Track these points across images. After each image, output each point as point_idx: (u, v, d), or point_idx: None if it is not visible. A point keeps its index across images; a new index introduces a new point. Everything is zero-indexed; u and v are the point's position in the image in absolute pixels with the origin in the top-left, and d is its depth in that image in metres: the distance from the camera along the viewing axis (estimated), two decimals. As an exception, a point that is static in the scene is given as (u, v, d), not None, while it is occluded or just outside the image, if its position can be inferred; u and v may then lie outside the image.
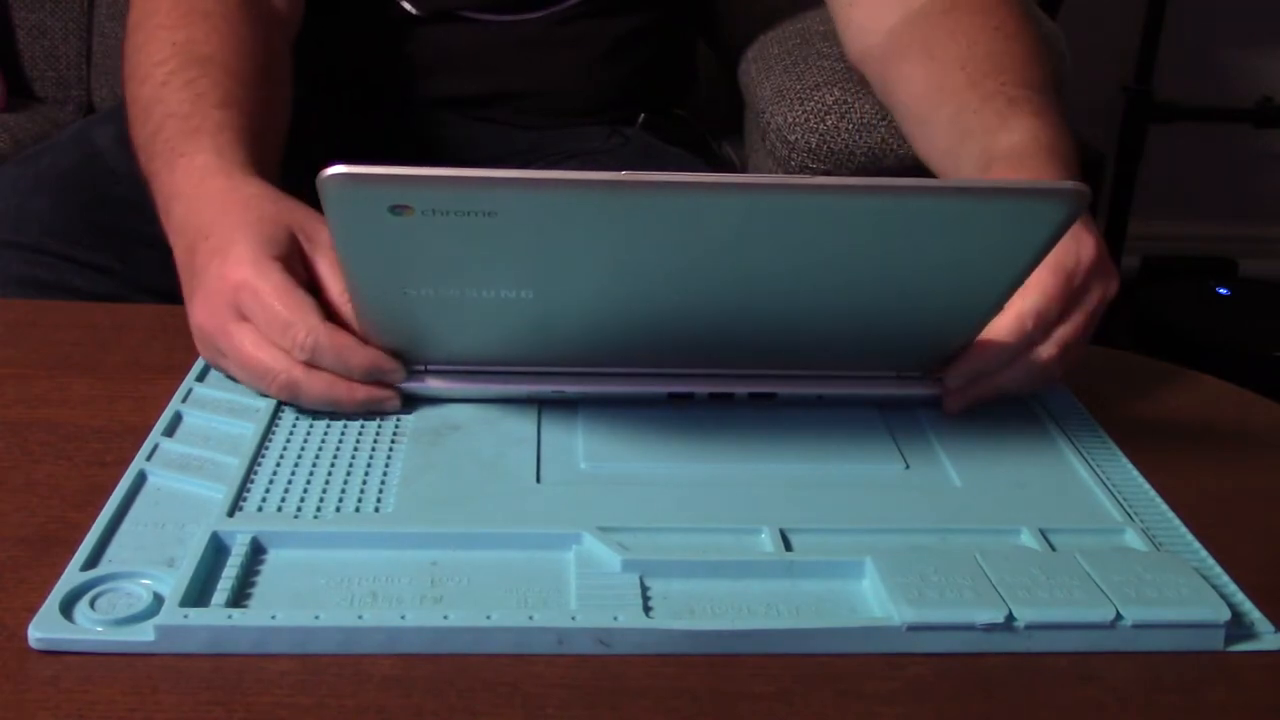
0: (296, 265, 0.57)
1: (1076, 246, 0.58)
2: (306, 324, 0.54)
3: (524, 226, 0.47)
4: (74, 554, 0.47)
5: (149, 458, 0.54)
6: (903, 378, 0.60)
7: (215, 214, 0.58)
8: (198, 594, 0.45)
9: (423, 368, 0.58)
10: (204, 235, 0.58)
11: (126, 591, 0.45)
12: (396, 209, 0.45)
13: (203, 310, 0.57)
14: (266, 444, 0.55)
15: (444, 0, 0.95)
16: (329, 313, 0.56)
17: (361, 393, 0.56)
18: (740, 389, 0.59)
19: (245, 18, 0.74)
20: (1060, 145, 0.66)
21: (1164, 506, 0.54)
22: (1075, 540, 0.51)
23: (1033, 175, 0.62)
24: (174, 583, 0.45)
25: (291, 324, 0.54)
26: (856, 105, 0.96)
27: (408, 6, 0.94)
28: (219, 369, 0.59)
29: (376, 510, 0.51)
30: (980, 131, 0.69)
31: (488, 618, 0.44)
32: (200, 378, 0.61)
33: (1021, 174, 0.63)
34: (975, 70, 0.73)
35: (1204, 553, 0.51)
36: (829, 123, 0.96)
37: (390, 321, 0.54)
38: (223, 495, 0.51)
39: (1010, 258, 0.51)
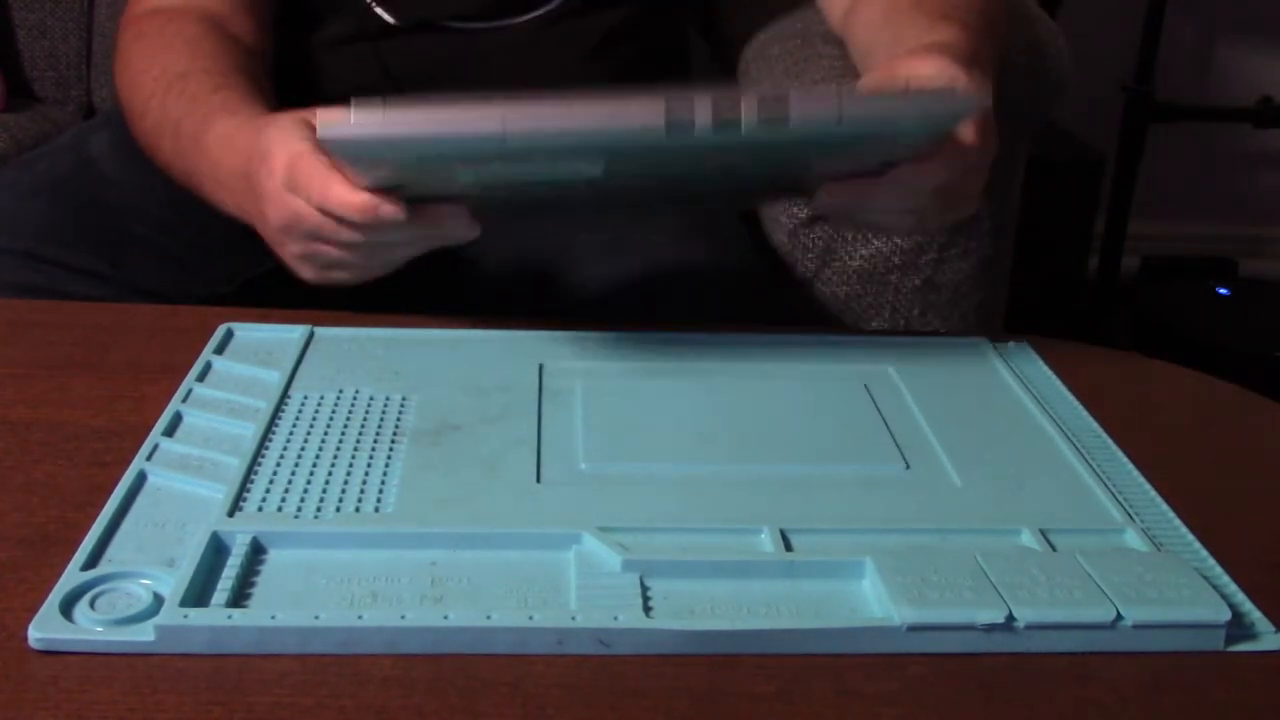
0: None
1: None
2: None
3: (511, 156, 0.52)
4: (74, 554, 0.47)
5: (149, 458, 0.54)
6: None
7: (248, 147, 0.66)
8: (198, 594, 0.45)
9: None
10: (250, 165, 0.65)
11: (126, 591, 0.45)
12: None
13: (271, 208, 0.63)
14: (266, 444, 0.55)
15: (425, 10, 0.91)
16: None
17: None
18: (749, 114, 0.54)
19: (207, 37, 0.82)
20: (983, 51, 0.70)
21: (1164, 506, 0.54)
22: (1075, 540, 0.51)
23: (946, 65, 0.66)
24: (174, 583, 0.45)
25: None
26: (852, 93, 0.95)
27: (385, 16, 0.93)
28: (312, 255, 0.63)
29: (376, 510, 0.51)
30: (911, 36, 0.74)
31: (488, 618, 0.44)
32: (200, 378, 0.61)
33: (934, 59, 0.66)
34: (922, 4, 0.79)
35: (1204, 553, 0.51)
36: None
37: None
38: (223, 495, 0.51)
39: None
